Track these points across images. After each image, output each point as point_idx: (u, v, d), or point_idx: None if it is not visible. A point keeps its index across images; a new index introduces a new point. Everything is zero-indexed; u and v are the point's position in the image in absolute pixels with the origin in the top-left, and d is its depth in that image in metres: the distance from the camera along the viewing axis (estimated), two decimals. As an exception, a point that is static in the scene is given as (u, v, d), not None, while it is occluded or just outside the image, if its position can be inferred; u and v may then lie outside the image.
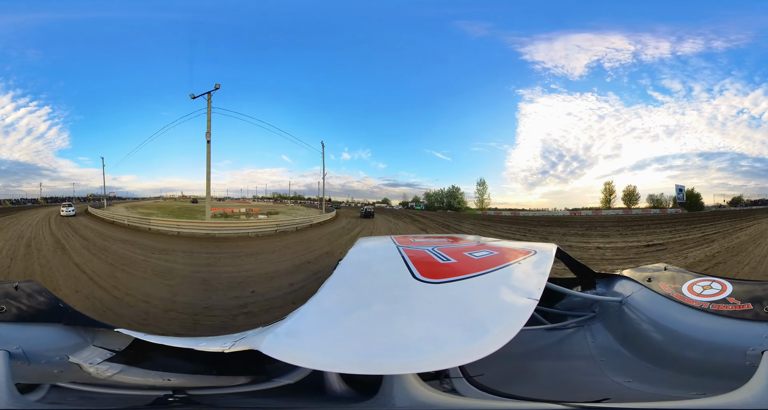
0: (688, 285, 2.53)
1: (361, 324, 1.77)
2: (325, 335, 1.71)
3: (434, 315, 1.81)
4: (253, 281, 9.74)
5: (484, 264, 2.54)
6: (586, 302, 3.14)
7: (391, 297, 2.07)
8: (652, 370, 2.38)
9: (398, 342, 1.58)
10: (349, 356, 1.51)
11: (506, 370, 2.25)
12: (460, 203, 34.01)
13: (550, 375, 2.53)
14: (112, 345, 2.35)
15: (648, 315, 2.59)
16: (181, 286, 9.33)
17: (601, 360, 2.60)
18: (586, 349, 2.73)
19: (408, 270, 2.33)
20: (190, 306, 7.75)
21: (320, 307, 2.00)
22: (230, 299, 8.37)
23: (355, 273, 2.68)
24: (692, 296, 2.42)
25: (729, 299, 2.26)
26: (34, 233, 14.95)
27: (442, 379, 1.92)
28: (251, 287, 9.18)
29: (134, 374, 2.26)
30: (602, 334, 2.81)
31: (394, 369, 1.48)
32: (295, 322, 1.83)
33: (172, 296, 8.38)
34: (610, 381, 2.39)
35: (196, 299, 8.25)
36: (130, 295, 8.28)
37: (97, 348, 2.32)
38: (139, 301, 7.94)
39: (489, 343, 1.53)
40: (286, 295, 8.45)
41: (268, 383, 2.10)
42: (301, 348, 1.62)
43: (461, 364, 1.49)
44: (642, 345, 2.54)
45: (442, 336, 1.61)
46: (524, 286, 2.11)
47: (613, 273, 3.30)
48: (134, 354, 2.33)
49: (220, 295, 8.65)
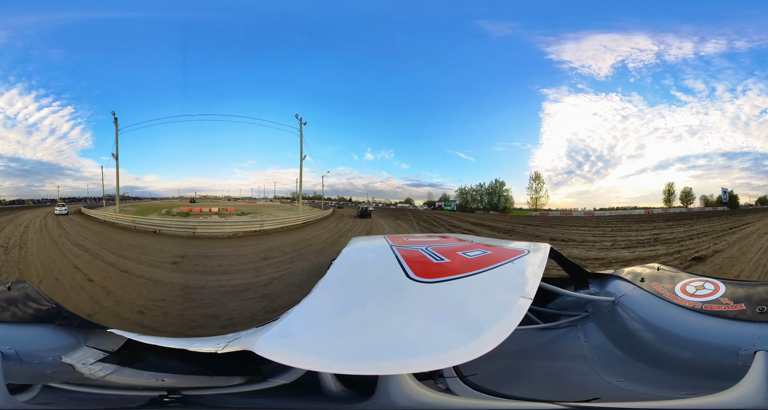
0: (681, 285, 2.55)
1: (355, 324, 1.76)
2: (319, 335, 1.71)
3: (429, 314, 1.81)
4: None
5: (478, 264, 2.54)
6: (580, 302, 3.14)
7: (385, 297, 2.07)
8: (644, 370, 2.38)
9: (393, 342, 1.58)
10: (344, 356, 1.51)
11: (499, 369, 2.25)
12: (506, 201, 30.04)
13: (542, 375, 2.52)
14: (105, 346, 2.34)
15: (641, 315, 2.59)
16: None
17: (594, 359, 2.61)
18: (578, 349, 2.73)
19: (402, 270, 2.32)
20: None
21: (314, 307, 1.99)
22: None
23: (348, 273, 2.67)
24: (685, 296, 2.43)
25: (722, 299, 2.27)
26: (32, 222, 19.44)
27: (437, 379, 1.91)
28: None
29: (128, 374, 2.26)
30: (595, 334, 2.81)
31: (389, 369, 1.48)
32: (289, 322, 1.82)
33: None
34: (602, 380, 2.39)
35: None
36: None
37: (90, 349, 2.31)
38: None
39: (484, 343, 1.53)
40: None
41: (263, 383, 2.10)
42: (295, 348, 1.61)
43: (457, 364, 1.49)
44: (634, 344, 2.54)
45: (437, 335, 1.61)
46: (518, 285, 2.11)
47: (606, 273, 3.30)
48: (128, 354, 2.32)
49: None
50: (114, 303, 7.50)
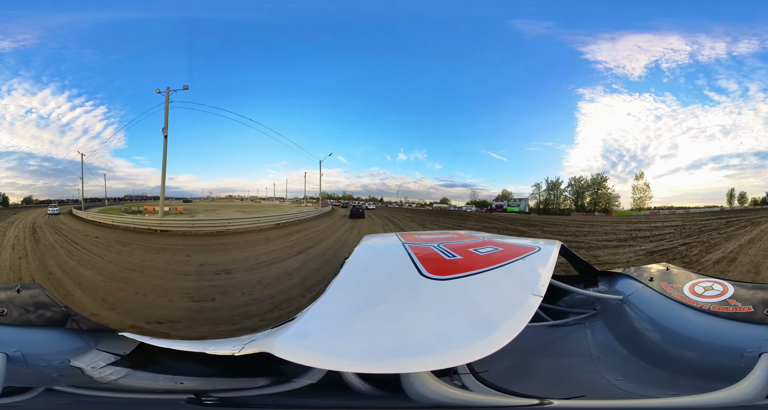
0: (689, 286, 2.55)
1: (372, 323, 1.77)
2: (337, 335, 1.72)
3: (443, 311, 1.81)
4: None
5: (490, 260, 2.54)
6: (588, 300, 3.15)
7: (400, 295, 2.07)
8: (645, 370, 2.38)
9: (411, 339, 1.59)
10: (365, 355, 1.52)
11: (507, 366, 2.28)
12: (608, 201, 26.93)
13: (549, 372, 2.55)
14: (117, 349, 2.35)
15: (648, 314, 2.59)
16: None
17: (599, 357, 2.62)
18: (585, 346, 2.75)
19: (415, 267, 2.33)
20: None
21: (329, 307, 2.00)
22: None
23: (362, 272, 2.68)
24: (693, 296, 2.43)
25: (730, 301, 2.27)
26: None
27: (452, 375, 1.93)
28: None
29: (142, 378, 2.26)
30: (602, 332, 2.82)
31: (409, 367, 1.49)
32: (305, 323, 1.83)
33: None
34: (602, 378, 2.39)
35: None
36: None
37: (100, 352, 2.32)
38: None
39: (496, 339, 1.53)
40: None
41: (288, 384, 2.09)
42: (314, 349, 1.62)
43: (473, 360, 1.49)
44: (640, 344, 2.54)
45: (453, 332, 1.62)
46: (529, 282, 2.11)
47: (616, 271, 3.30)
48: (140, 358, 2.33)
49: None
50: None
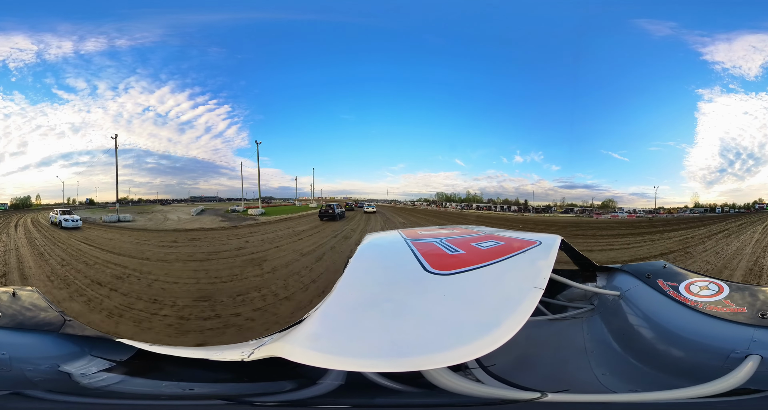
0: (685, 284, 2.57)
1: (382, 321, 1.77)
2: (349, 335, 1.72)
3: (450, 307, 1.83)
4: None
5: (492, 254, 2.54)
6: (587, 295, 3.21)
7: (407, 292, 2.07)
8: (632, 366, 2.43)
9: (423, 336, 1.61)
10: (381, 354, 1.52)
11: (508, 360, 2.33)
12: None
13: (546, 366, 2.61)
14: (113, 356, 2.32)
15: (643, 311, 2.64)
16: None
17: (592, 352, 2.68)
18: (580, 341, 2.81)
19: (419, 264, 2.33)
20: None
21: (338, 307, 1.99)
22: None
23: (367, 270, 2.65)
24: (688, 295, 2.46)
25: (725, 301, 2.30)
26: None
27: (464, 370, 1.94)
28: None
29: (140, 384, 2.22)
30: (598, 327, 2.89)
31: (425, 364, 1.50)
32: (315, 325, 1.83)
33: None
34: (590, 373, 2.45)
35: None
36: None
37: (94, 358, 2.27)
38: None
39: (502, 333, 1.56)
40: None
41: (316, 387, 2.01)
42: (327, 350, 1.62)
43: (483, 354, 1.51)
44: (631, 340, 2.59)
45: (462, 327, 1.64)
46: (530, 276, 2.11)
47: (614, 267, 3.33)
48: (139, 364, 2.30)
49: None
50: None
